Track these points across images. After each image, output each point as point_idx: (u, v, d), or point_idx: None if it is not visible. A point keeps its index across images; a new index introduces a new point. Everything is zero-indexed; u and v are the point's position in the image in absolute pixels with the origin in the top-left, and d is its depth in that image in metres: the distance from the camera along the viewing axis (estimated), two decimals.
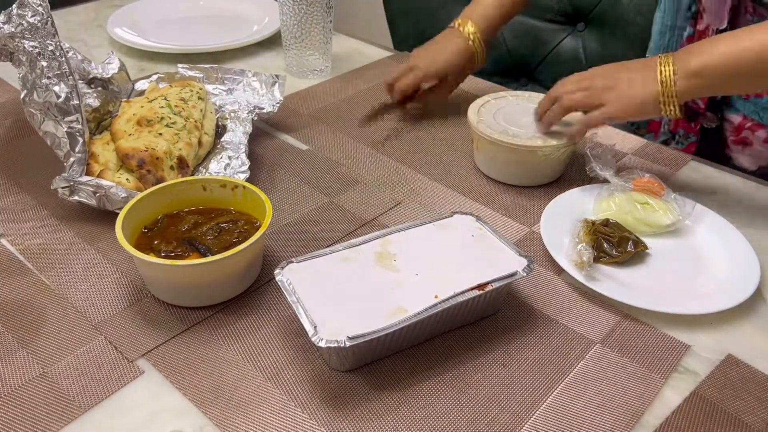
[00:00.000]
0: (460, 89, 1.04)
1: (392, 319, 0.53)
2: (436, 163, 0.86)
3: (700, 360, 0.58)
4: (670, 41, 0.95)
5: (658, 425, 0.53)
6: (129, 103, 0.83)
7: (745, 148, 0.89)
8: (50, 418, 0.52)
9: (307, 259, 0.59)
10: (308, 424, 0.52)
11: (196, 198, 0.68)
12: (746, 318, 0.63)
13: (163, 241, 0.63)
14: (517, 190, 0.80)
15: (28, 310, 0.61)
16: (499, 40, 1.38)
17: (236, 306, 0.63)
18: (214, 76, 0.94)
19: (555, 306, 0.64)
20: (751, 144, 0.89)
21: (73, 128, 0.72)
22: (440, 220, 0.65)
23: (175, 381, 0.55)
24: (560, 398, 0.55)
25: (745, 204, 0.78)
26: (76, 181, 0.70)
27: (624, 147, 0.89)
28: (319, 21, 1.02)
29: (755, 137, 0.87)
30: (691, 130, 0.96)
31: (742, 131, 0.88)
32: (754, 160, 0.90)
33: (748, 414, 0.54)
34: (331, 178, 0.82)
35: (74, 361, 0.56)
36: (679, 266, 0.68)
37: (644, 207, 0.71)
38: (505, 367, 0.57)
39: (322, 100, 1.01)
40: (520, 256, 0.60)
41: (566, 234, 0.70)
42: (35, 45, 0.72)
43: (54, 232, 0.71)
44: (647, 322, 0.62)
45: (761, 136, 0.87)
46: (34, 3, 0.73)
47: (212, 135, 0.83)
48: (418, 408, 0.53)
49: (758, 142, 0.88)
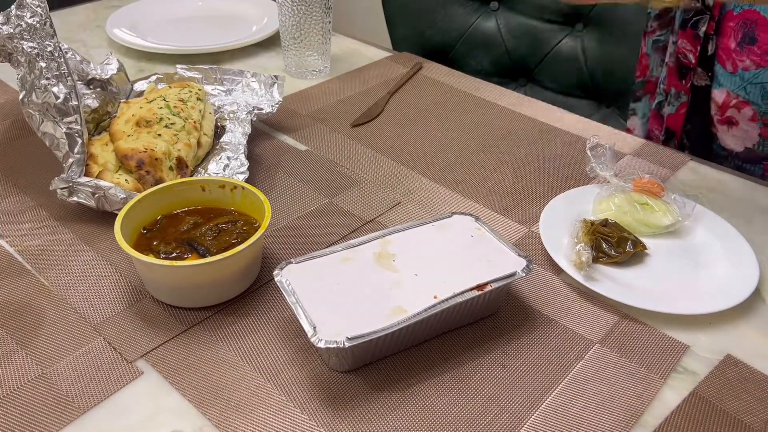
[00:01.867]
0: (460, 89, 1.05)
1: (391, 320, 0.53)
2: (436, 163, 0.86)
3: (699, 360, 0.58)
4: None
5: (657, 425, 0.53)
6: (128, 104, 0.83)
7: (731, 128, 0.87)
8: (49, 419, 0.52)
9: (307, 259, 0.59)
10: (307, 425, 0.52)
11: (195, 199, 0.68)
12: (745, 318, 0.63)
13: (162, 242, 0.63)
14: (516, 190, 0.80)
15: (27, 311, 0.61)
16: (498, 40, 1.38)
17: (235, 307, 0.63)
18: (213, 76, 0.94)
19: (554, 306, 0.64)
20: (736, 124, 0.86)
21: (71, 129, 0.72)
22: (439, 221, 0.65)
23: (174, 382, 0.55)
24: (559, 398, 0.55)
25: (745, 204, 0.78)
26: (75, 182, 0.70)
27: (623, 147, 0.89)
28: (317, 21, 1.02)
29: (741, 115, 0.85)
30: (682, 87, 0.93)
31: (727, 109, 0.86)
32: (740, 141, 0.88)
33: (747, 414, 0.54)
34: (330, 178, 0.82)
35: (73, 362, 0.56)
36: (678, 266, 0.68)
37: (644, 207, 0.71)
38: (505, 368, 0.57)
39: (321, 101, 1.01)
40: (519, 257, 0.60)
41: (565, 234, 0.70)
42: (34, 46, 0.72)
43: (53, 233, 0.71)
44: (646, 322, 0.62)
45: (747, 114, 0.84)
46: (32, 4, 0.73)
47: (211, 136, 0.83)
48: (418, 408, 0.53)
49: (744, 121, 0.85)
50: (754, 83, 0.81)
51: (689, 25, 0.87)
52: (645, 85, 1.02)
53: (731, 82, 0.84)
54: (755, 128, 0.84)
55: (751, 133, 0.85)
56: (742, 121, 0.85)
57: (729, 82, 0.84)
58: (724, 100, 0.84)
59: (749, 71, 0.80)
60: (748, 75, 0.81)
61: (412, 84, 1.06)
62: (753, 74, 0.80)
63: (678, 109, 0.94)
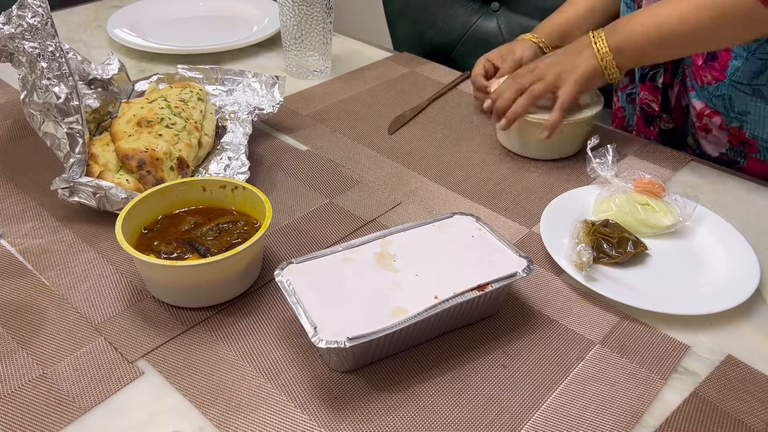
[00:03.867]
0: (460, 89, 1.05)
1: (392, 320, 0.53)
2: (436, 163, 0.86)
3: (699, 360, 0.58)
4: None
5: (657, 426, 0.53)
6: (129, 104, 0.83)
7: (708, 134, 0.92)
8: (50, 418, 0.52)
9: (307, 259, 0.59)
10: (308, 425, 0.52)
11: (195, 199, 0.68)
12: (746, 319, 0.63)
13: (162, 242, 0.63)
14: (517, 190, 0.80)
15: (28, 311, 0.61)
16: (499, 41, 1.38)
17: (236, 307, 0.63)
18: (213, 76, 0.95)
19: (555, 307, 0.64)
20: (711, 131, 0.91)
21: (72, 129, 0.72)
22: (440, 221, 0.65)
23: (175, 382, 0.55)
24: (560, 399, 0.55)
25: (745, 205, 0.78)
26: (76, 182, 0.70)
27: (624, 148, 0.89)
28: (318, 22, 1.02)
29: (712, 123, 0.90)
30: (651, 133, 1.00)
31: (702, 118, 0.91)
32: (715, 147, 0.92)
33: (747, 414, 0.54)
34: (331, 178, 0.82)
35: (74, 362, 0.56)
36: (679, 267, 0.68)
37: (644, 208, 0.71)
38: (505, 368, 0.57)
39: (322, 101, 1.01)
40: (519, 257, 0.60)
41: (566, 235, 0.70)
42: (35, 46, 0.72)
43: (54, 233, 0.71)
44: (647, 322, 0.62)
45: (717, 122, 0.89)
46: (33, 4, 0.73)
47: (212, 136, 0.83)
48: (418, 408, 0.53)
49: (715, 128, 0.90)
50: (716, 95, 0.87)
51: (647, 78, 0.96)
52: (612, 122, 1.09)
53: (701, 95, 0.90)
54: (725, 135, 0.90)
55: (722, 139, 0.91)
56: (714, 128, 0.90)
57: (700, 95, 0.90)
58: (701, 109, 0.90)
59: (712, 85, 0.87)
60: (711, 88, 0.87)
61: (411, 84, 1.06)
62: (714, 87, 0.87)
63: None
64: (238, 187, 0.67)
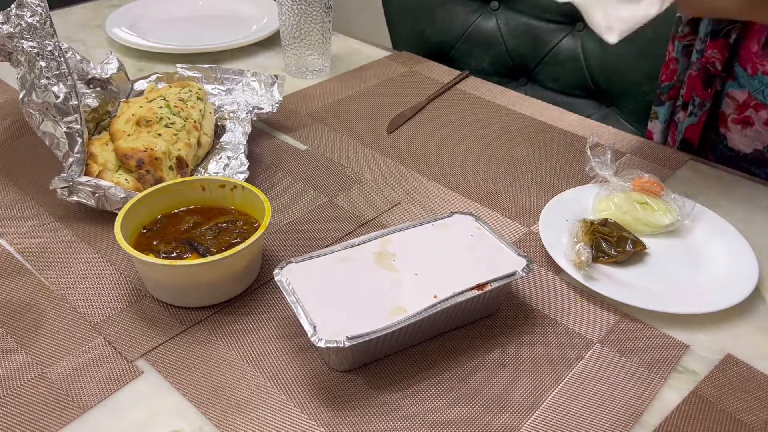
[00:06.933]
0: (460, 89, 1.05)
1: (391, 319, 0.53)
2: (435, 162, 0.86)
3: (699, 359, 0.59)
4: None
5: (657, 425, 0.53)
6: (128, 104, 0.83)
7: (746, 128, 0.87)
8: (49, 418, 0.52)
9: (306, 259, 0.59)
10: (307, 424, 0.52)
11: (195, 198, 0.68)
12: (745, 317, 0.63)
13: (162, 242, 0.63)
14: (516, 189, 0.80)
15: (27, 311, 0.61)
16: (499, 40, 1.38)
17: (235, 306, 0.63)
18: (213, 76, 0.94)
19: (554, 306, 0.64)
20: (752, 124, 0.87)
21: (71, 128, 0.72)
22: (439, 220, 0.65)
23: (174, 381, 0.55)
24: (559, 398, 0.55)
25: (744, 204, 0.78)
26: (75, 182, 0.70)
27: (623, 147, 0.89)
28: (317, 21, 1.02)
29: (758, 117, 0.86)
30: (707, 95, 0.91)
31: (746, 109, 0.86)
32: (751, 142, 0.88)
33: (747, 413, 0.54)
34: (330, 178, 0.82)
35: (73, 362, 0.56)
36: (677, 266, 0.68)
37: (643, 207, 0.71)
38: (505, 367, 0.57)
39: (321, 100, 1.01)
40: (519, 256, 0.60)
41: (565, 234, 0.70)
42: (34, 45, 0.72)
43: (53, 233, 0.71)
44: (646, 321, 0.62)
45: (763, 117, 0.85)
46: (32, 3, 0.73)
47: (211, 135, 0.83)
48: (418, 408, 0.53)
49: (759, 123, 0.86)
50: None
51: (721, 34, 0.86)
52: (670, 90, 1.01)
53: (750, 85, 0.84)
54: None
55: (764, 135, 0.86)
56: (758, 122, 0.85)
57: (748, 84, 0.84)
58: (744, 100, 0.85)
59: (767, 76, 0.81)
60: (766, 79, 0.81)
61: (411, 83, 1.06)
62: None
63: (699, 118, 0.94)
64: (238, 186, 0.67)
